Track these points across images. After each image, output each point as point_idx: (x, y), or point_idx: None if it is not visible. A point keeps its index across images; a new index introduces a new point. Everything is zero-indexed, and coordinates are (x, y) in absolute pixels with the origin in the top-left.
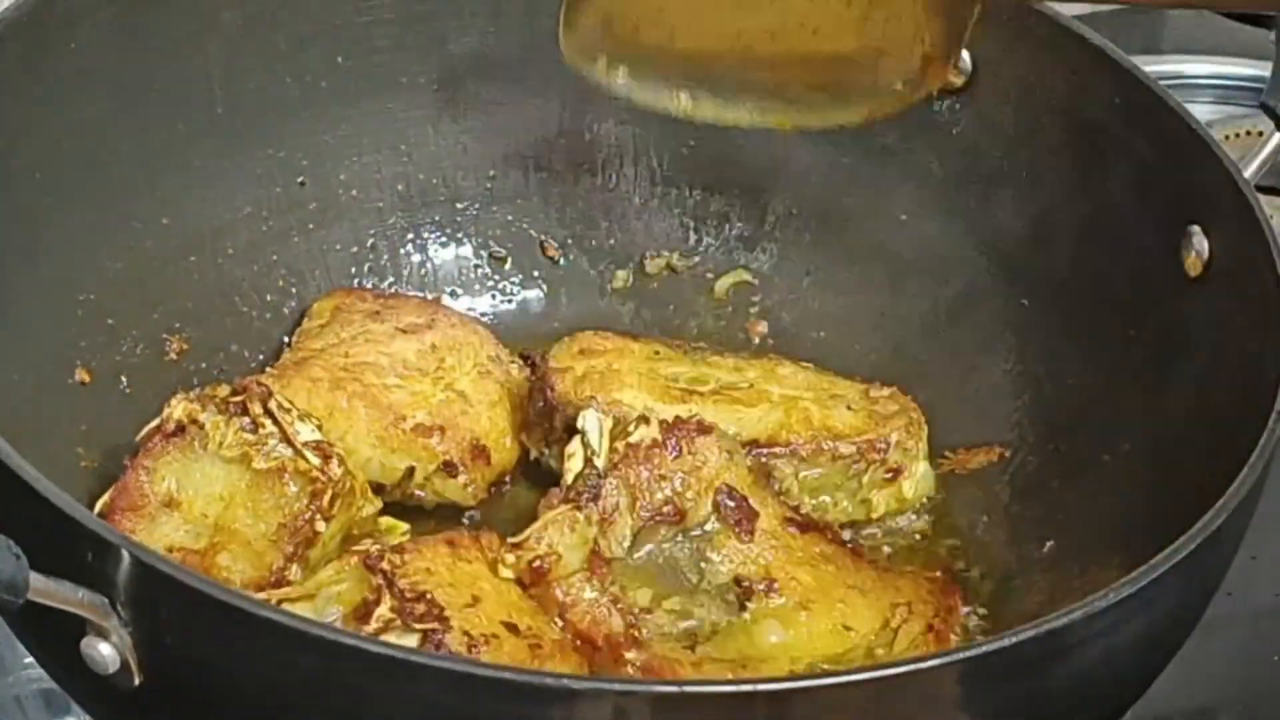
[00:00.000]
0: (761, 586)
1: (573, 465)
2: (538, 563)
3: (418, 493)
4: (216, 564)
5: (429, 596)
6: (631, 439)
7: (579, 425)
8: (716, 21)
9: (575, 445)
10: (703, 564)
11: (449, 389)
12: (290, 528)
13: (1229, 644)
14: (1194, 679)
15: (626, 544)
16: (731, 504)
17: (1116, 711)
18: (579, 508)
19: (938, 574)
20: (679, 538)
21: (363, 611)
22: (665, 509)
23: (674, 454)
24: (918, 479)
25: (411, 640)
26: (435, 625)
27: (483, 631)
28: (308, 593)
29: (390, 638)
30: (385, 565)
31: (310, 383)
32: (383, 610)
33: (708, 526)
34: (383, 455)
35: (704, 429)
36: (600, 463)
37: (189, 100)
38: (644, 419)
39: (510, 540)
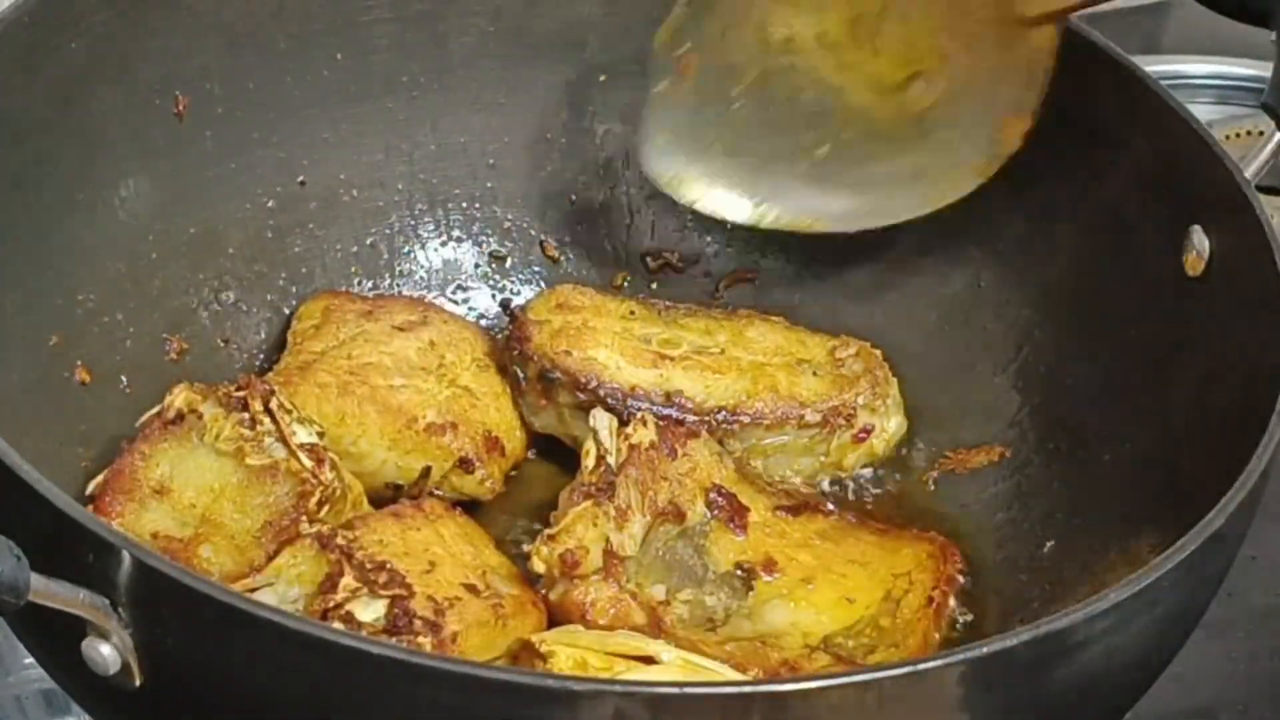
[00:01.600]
0: (762, 569)
1: (588, 463)
2: (570, 556)
3: (435, 491)
4: (198, 554)
5: (389, 566)
6: (632, 439)
7: (590, 423)
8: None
9: (590, 443)
10: (705, 557)
11: (453, 385)
12: (275, 526)
13: (1229, 644)
14: (1194, 679)
15: (639, 541)
16: (723, 502)
17: (1117, 712)
18: (598, 504)
19: (935, 535)
20: (678, 536)
21: (327, 585)
22: (668, 508)
23: (670, 455)
24: (889, 434)
25: (379, 607)
26: (400, 591)
27: (445, 595)
28: (268, 580)
29: (357, 606)
30: (340, 540)
31: (318, 389)
32: (347, 580)
33: (703, 524)
34: (398, 458)
35: (693, 432)
36: (612, 460)
37: (189, 100)
38: (642, 420)
39: (546, 533)
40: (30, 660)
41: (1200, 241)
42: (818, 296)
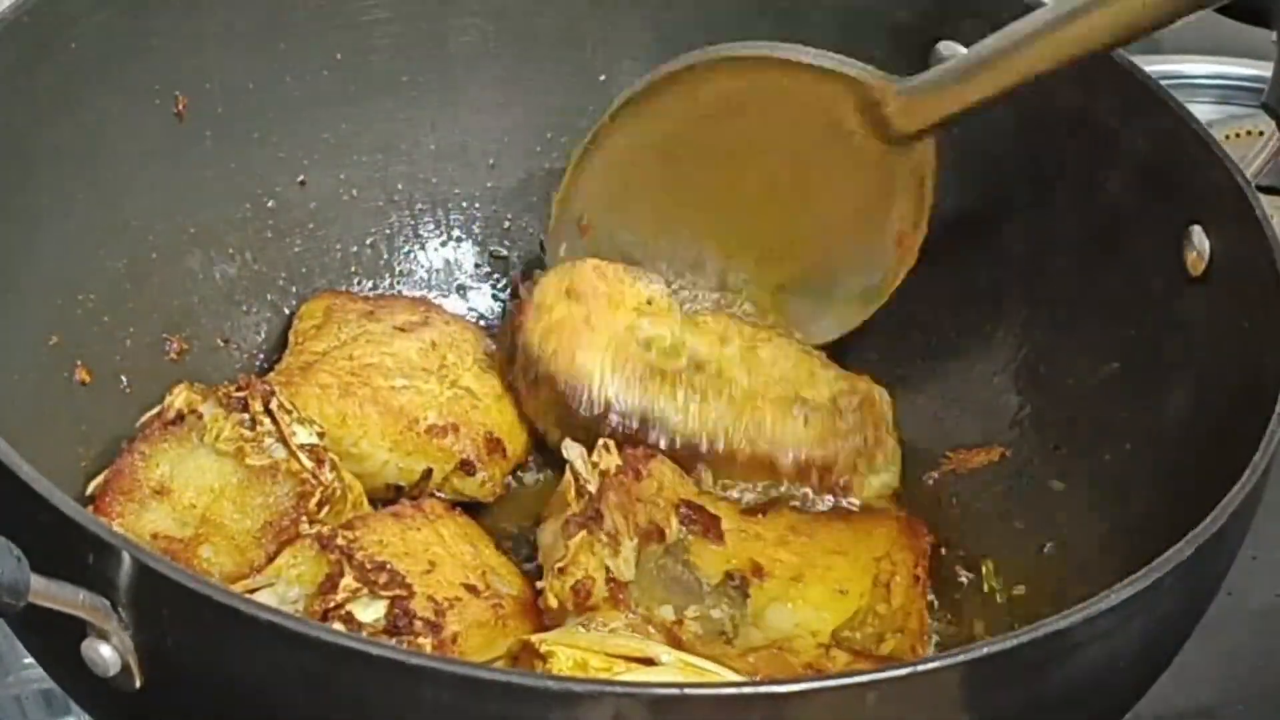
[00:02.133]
0: (751, 574)
1: (570, 494)
2: (581, 586)
3: (436, 493)
4: (198, 555)
5: (389, 566)
6: (601, 466)
7: (564, 454)
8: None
9: (568, 474)
10: (695, 571)
11: (455, 385)
12: (275, 527)
13: (1229, 644)
14: (1194, 679)
15: (634, 565)
16: (694, 515)
17: (1117, 712)
18: (591, 533)
19: (899, 513)
20: (664, 554)
21: (327, 585)
22: (649, 528)
23: (635, 478)
24: (872, 489)
25: (379, 608)
26: (400, 592)
27: (445, 596)
28: (268, 580)
29: (357, 607)
30: (340, 541)
31: (320, 389)
32: (347, 580)
33: (683, 540)
34: (399, 459)
35: (649, 454)
36: (592, 488)
37: (189, 100)
38: (605, 446)
39: (556, 565)
40: (30, 660)
41: (1200, 241)
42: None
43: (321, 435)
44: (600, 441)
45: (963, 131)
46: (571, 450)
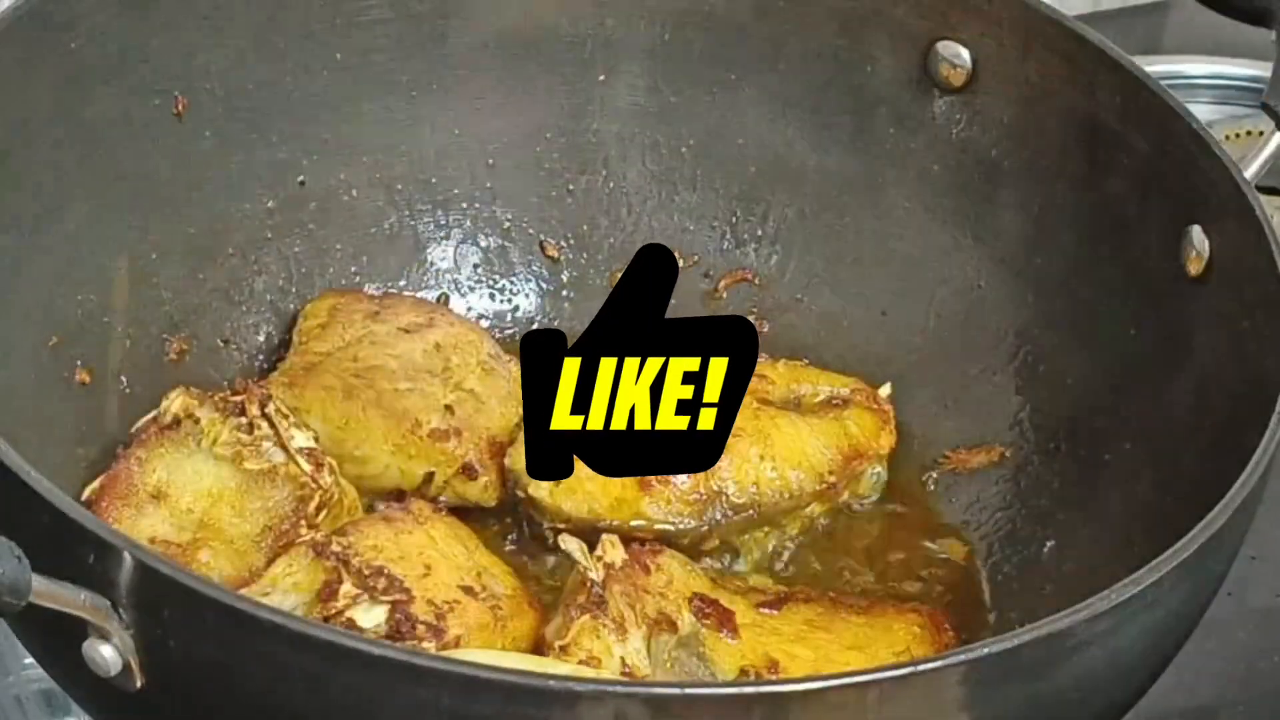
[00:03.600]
0: (767, 671)
1: (572, 586)
2: (585, 666)
3: (438, 497)
4: (197, 559)
5: (386, 571)
6: (606, 559)
7: (562, 546)
8: None
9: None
10: (710, 666)
11: (459, 388)
12: (275, 531)
13: (1229, 644)
14: (1194, 679)
15: (646, 656)
16: (708, 609)
17: (1118, 712)
18: (595, 617)
19: (920, 606)
20: (678, 646)
21: (327, 593)
22: (659, 618)
23: (644, 571)
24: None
25: (380, 613)
26: (399, 596)
27: (444, 599)
28: (264, 590)
29: (358, 613)
30: (335, 547)
31: (324, 392)
32: (347, 587)
33: (697, 633)
34: (401, 462)
35: (656, 549)
36: (594, 575)
37: (189, 100)
38: (610, 542)
39: (557, 644)
40: (30, 660)
41: (1200, 241)
42: (817, 296)
43: (317, 439)
44: (604, 537)
45: (963, 131)
46: (570, 544)
